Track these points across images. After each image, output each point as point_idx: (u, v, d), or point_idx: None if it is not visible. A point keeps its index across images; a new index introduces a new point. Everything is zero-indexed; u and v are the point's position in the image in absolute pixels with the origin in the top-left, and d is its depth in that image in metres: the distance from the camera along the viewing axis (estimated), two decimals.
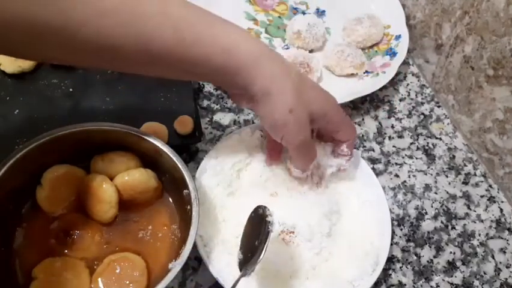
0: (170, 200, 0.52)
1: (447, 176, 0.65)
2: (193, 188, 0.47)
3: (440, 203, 0.63)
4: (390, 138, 0.68)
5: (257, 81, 0.44)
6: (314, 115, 0.48)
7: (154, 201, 0.52)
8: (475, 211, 0.63)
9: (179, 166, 0.49)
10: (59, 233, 0.48)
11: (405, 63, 0.74)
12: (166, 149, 0.49)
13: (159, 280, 0.42)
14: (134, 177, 0.49)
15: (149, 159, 0.51)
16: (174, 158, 0.49)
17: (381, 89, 0.69)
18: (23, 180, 0.48)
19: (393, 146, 0.67)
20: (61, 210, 0.49)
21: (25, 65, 0.62)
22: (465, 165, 0.67)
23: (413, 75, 0.76)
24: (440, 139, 0.69)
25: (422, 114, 0.71)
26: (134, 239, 0.49)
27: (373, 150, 0.67)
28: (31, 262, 0.46)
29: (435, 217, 0.61)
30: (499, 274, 0.58)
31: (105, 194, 0.48)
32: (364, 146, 0.67)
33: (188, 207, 0.47)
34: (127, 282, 0.46)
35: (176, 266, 0.43)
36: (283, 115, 0.46)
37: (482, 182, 0.65)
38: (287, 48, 0.74)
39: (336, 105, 0.51)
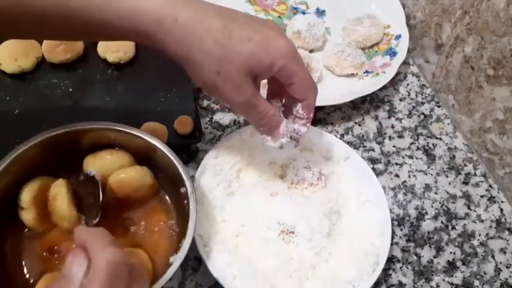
0: (167, 197, 0.52)
1: (447, 176, 0.65)
2: (189, 183, 0.47)
3: (440, 203, 0.63)
4: (390, 138, 0.68)
5: (169, 48, 0.41)
6: (255, 70, 0.42)
7: (150, 198, 0.51)
8: (475, 211, 0.63)
9: (175, 162, 0.48)
10: (50, 248, 0.47)
11: (405, 63, 0.74)
12: (160, 145, 0.49)
13: (162, 273, 0.42)
14: (130, 175, 0.49)
15: (144, 157, 0.51)
16: (169, 154, 0.49)
17: (381, 89, 0.69)
18: (13, 187, 0.47)
19: (394, 146, 0.67)
20: (48, 224, 0.48)
21: (25, 65, 0.62)
22: (465, 165, 0.67)
23: (413, 75, 0.76)
24: (440, 139, 0.69)
25: (422, 114, 0.71)
26: (132, 236, 0.49)
27: (373, 150, 0.67)
28: (30, 278, 0.45)
29: (435, 217, 0.61)
30: (499, 274, 0.58)
31: (59, 208, 0.46)
32: (364, 146, 0.67)
33: (186, 201, 0.47)
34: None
35: (177, 260, 0.43)
36: (209, 78, 0.42)
37: (482, 182, 0.65)
38: None
39: (288, 52, 0.43)
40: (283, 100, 0.51)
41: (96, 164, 0.50)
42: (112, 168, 0.49)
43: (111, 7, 0.39)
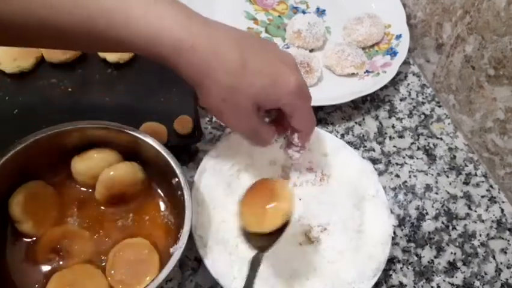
0: (159, 190, 0.52)
1: (448, 176, 0.65)
2: (181, 174, 0.47)
3: (440, 203, 0.63)
4: (390, 138, 0.68)
5: (182, 72, 0.42)
6: (261, 102, 0.44)
7: (142, 193, 0.51)
8: (475, 211, 0.62)
9: (164, 154, 0.48)
10: (52, 248, 0.47)
11: (406, 62, 0.74)
12: (147, 139, 0.49)
13: (165, 263, 0.42)
14: (120, 172, 0.49)
15: (131, 152, 0.51)
16: (157, 147, 0.48)
17: (381, 89, 0.69)
18: (3, 197, 0.46)
19: (394, 146, 0.67)
20: (46, 227, 0.48)
21: (24, 64, 0.62)
22: (466, 166, 0.66)
23: (413, 74, 0.76)
24: (441, 139, 0.69)
25: (423, 114, 0.71)
26: (130, 230, 0.49)
27: (374, 150, 0.66)
28: (37, 282, 0.45)
29: (436, 217, 0.61)
30: (499, 274, 0.58)
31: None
32: (364, 146, 0.67)
33: (180, 192, 0.47)
34: (141, 262, 0.46)
35: (178, 250, 0.43)
36: (216, 104, 0.43)
37: (483, 182, 0.65)
38: (287, 48, 0.74)
39: (295, 89, 0.44)
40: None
41: (84, 164, 0.49)
42: (101, 166, 0.49)
43: (131, 28, 0.39)
